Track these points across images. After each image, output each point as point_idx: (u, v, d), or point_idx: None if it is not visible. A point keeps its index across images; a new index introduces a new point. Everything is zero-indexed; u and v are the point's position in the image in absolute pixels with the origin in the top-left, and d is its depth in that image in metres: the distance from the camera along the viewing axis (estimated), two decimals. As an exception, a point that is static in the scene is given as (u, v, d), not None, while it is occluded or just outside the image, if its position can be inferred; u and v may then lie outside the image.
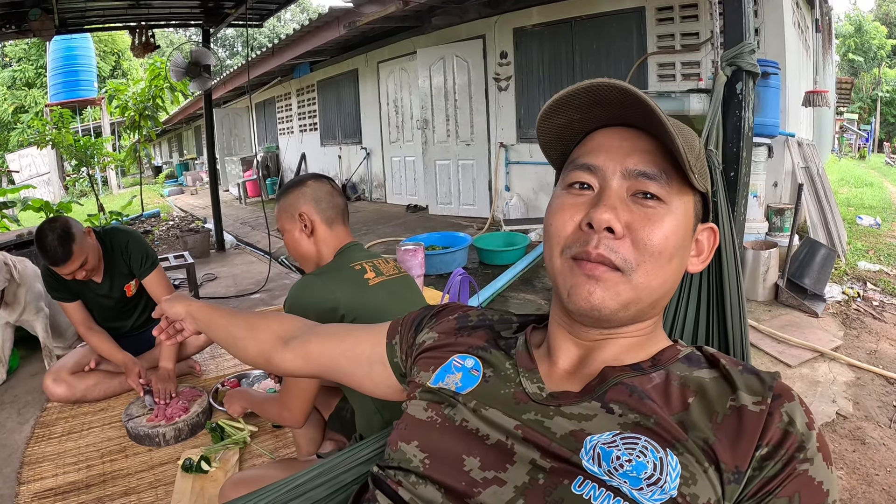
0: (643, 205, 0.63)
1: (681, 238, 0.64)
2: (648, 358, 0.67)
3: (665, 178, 0.63)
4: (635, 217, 0.62)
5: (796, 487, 0.55)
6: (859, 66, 22.59)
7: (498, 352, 0.74)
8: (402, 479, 0.67)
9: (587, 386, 0.65)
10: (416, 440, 0.68)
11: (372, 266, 1.48)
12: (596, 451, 0.58)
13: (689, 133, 0.67)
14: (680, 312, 0.97)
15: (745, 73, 1.15)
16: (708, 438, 0.57)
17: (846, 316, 3.41)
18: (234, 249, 6.05)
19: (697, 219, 0.68)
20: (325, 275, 1.41)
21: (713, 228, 0.70)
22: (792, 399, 0.59)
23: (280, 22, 27.89)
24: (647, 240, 0.62)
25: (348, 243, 1.54)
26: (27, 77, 17.04)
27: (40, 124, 7.87)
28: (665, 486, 0.54)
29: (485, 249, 4.58)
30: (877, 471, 2.03)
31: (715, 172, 1.07)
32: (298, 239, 1.51)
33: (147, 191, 10.99)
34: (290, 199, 1.51)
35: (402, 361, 0.85)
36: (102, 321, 2.60)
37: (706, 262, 0.70)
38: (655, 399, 0.61)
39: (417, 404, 0.73)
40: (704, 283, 0.99)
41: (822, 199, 4.57)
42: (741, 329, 0.93)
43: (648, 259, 0.62)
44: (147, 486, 1.88)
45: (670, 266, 0.64)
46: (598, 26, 5.19)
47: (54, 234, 2.13)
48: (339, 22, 6.34)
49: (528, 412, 0.65)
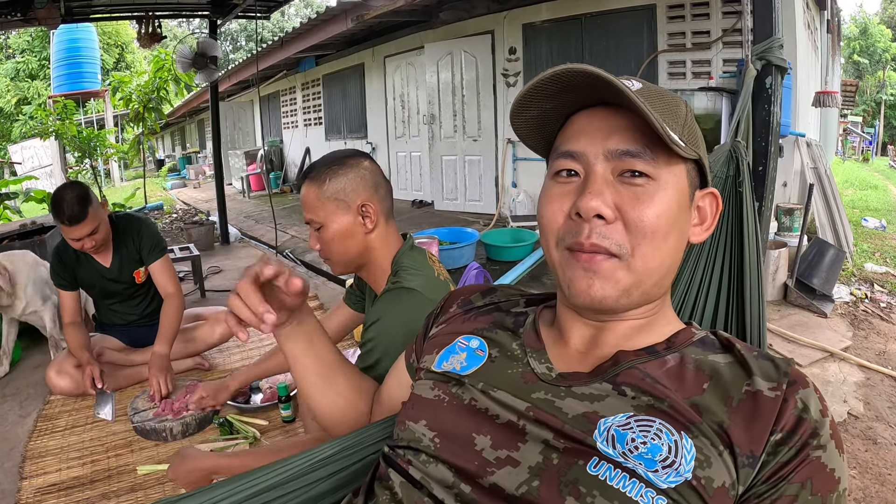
0: (631, 184, 0.61)
1: (675, 213, 0.62)
2: (663, 340, 0.67)
3: (650, 153, 0.61)
4: (624, 198, 0.61)
5: (809, 473, 0.55)
6: (864, 68, 22.54)
7: (504, 332, 0.74)
8: (411, 458, 0.66)
9: (598, 367, 0.65)
10: (423, 419, 0.68)
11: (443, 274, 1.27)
12: (610, 433, 0.57)
13: (671, 98, 0.65)
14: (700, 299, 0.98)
15: (775, 67, 1.14)
16: (723, 422, 0.57)
17: (854, 317, 3.40)
18: (238, 243, 6.04)
19: (694, 187, 0.66)
20: (426, 289, 1.15)
21: (714, 193, 0.68)
22: (807, 386, 0.59)
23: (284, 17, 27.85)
24: (638, 221, 0.60)
25: (404, 246, 1.27)
26: (30, 68, 16.99)
27: (43, 115, 7.85)
28: (680, 468, 0.54)
29: (492, 245, 4.56)
30: (889, 470, 2.02)
31: (742, 164, 1.06)
32: (350, 235, 1.20)
33: (150, 184, 10.96)
34: (345, 183, 1.19)
35: (413, 362, 0.85)
36: (109, 307, 2.60)
37: (710, 229, 0.68)
38: (669, 384, 0.61)
39: (424, 384, 0.72)
40: (725, 271, 1.00)
41: (829, 199, 4.56)
42: (759, 317, 0.94)
43: (643, 240, 0.61)
44: (154, 482, 1.85)
45: (667, 244, 0.62)
46: (608, 23, 5.16)
47: (73, 193, 2.16)
48: (347, 16, 6.31)
49: (538, 391, 0.64)
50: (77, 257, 2.38)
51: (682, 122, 0.64)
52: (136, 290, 2.56)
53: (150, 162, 17.04)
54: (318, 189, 1.19)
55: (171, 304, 2.42)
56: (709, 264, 0.97)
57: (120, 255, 2.45)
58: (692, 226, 0.67)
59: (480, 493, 0.59)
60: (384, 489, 0.67)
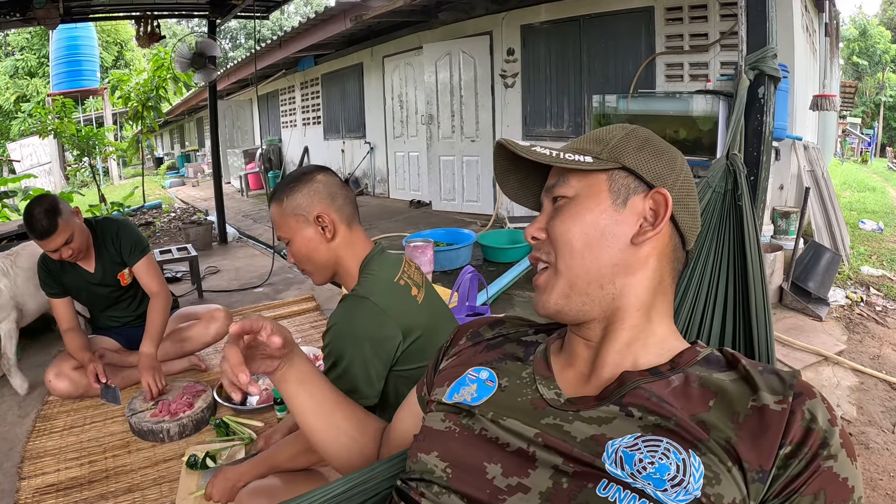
0: (556, 207, 0.72)
1: (594, 219, 0.69)
2: (667, 361, 0.68)
3: (563, 178, 0.72)
4: (551, 218, 0.72)
5: (821, 484, 0.55)
6: (863, 70, 22.53)
7: (514, 362, 0.76)
8: (424, 490, 0.67)
9: (605, 390, 0.66)
10: (435, 451, 0.69)
11: (409, 279, 1.31)
12: (619, 455, 0.58)
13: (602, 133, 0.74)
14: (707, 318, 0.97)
15: (768, 77, 1.14)
16: (730, 438, 0.57)
17: (850, 320, 3.41)
18: (236, 242, 6.04)
19: (628, 191, 0.70)
20: (376, 296, 1.20)
21: (659, 192, 0.69)
22: (813, 396, 0.59)
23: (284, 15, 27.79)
24: (553, 233, 0.70)
25: (372, 251, 1.32)
26: (29, 66, 16.94)
27: (42, 113, 7.84)
28: (689, 486, 0.54)
29: (489, 246, 4.57)
30: (881, 475, 2.03)
31: (740, 177, 1.06)
32: (314, 246, 1.26)
33: (148, 182, 10.95)
34: (300, 199, 1.26)
35: (425, 395, 0.86)
36: (100, 311, 2.61)
37: (659, 226, 0.69)
38: (674, 402, 0.61)
39: (435, 416, 0.74)
40: (731, 287, 0.99)
41: (826, 202, 4.56)
42: (766, 332, 0.93)
43: (559, 246, 0.69)
44: (151, 483, 1.87)
45: (587, 247, 0.68)
46: (607, 25, 5.16)
47: (41, 208, 2.16)
48: (346, 15, 6.31)
49: (547, 417, 0.65)
50: (62, 266, 2.38)
51: (606, 145, 0.72)
52: (123, 292, 2.57)
53: (149, 160, 17.01)
54: (279, 208, 1.28)
55: (156, 302, 2.43)
56: (713, 281, 0.96)
57: (102, 260, 2.45)
58: (637, 227, 0.69)
59: None
60: None
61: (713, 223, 1.03)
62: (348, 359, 1.17)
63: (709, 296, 0.96)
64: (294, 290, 4.10)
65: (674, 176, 0.71)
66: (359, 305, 1.19)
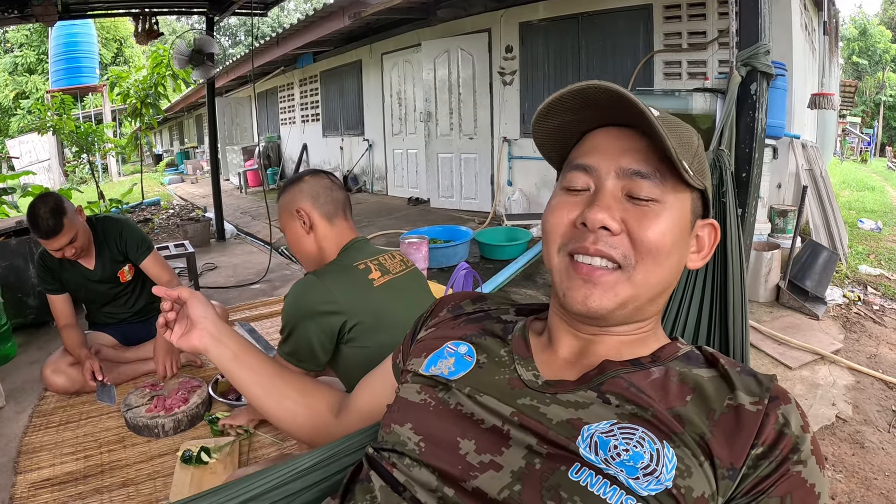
0: (638, 203, 0.64)
1: (678, 235, 0.65)
2: (648, 354, 0.68)
3: (659, 177, 0.64)
4: (630, 215, 0.63)
5: (788, 488, 0.56)
6: (863, 69, 22.52)
7: (493, 339, 0.75)
8: (396, 461, 0.67)
9: (584, 375, 0.66)
10: (409, 422, 0.69)
11: (377, 265, 1.47)
12: (593, 440, 0.58)
13: (686, 130, 0.67)
14: (682, 311, 0.98)
15: (760, 73, 1.14)
16: (704, 434, 0.58)
17: (847, 319, 3.41)
18: (234, 239, 6.03)
19: (696, 215, 0.68)
20: (326, 276, 1.39)
21: (713, 224, 0.70)
22: (788, 402, 0.60)
23: (284, 12, 27.75)
24: (643, 236, 0.63)
25: (352, 240, 1.51)
26: (28, 63, 16.92)
27: (41, 110, 7.83)
28: (661, 476, 0.55)
29: (486, 244, 4.57)
30: (875, 475, 2.03)
31: (725, 173, 1.06)
32: (299, 236, 1.50)
33: (147, 179, 10.95)
34: (288, 197, 1.51)
35: (400, 363, 0.86)
36: (97, 307, 2.61)
37: (706, 258, 0.71)
38: (652, 394, 0.62)
39: (410, 387, 0.73)
40: (708, 283, 0.99)
41: (824, 201, 4.56)
42: (742, 331, 0.94)
43: (647, 255, 0.63)
44: (146, 478, 1.87)
45: (668, 262, 0.64)
46: (605, 22, 5.16)
47: (46, 208, 2.17)
48: (345, 13, 6.31)
49: (524, 397, 0.65)
50: (60, 262, 2.39)
51: (692, 152, 0.66)
52: (122, 289, 2.57)
53: (148, 157, 17.01)
54: (277, 205, 1.55)
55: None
56: (691, 277, 0.96)
57: (103, 258, 2.46)
58: (690, 252, 0.69)
59: (463, 496, 0.60)
60: (364, 492, 0.67)
61: None
62: (295, 328, 1.37)
63: (686, 289, 0.96)
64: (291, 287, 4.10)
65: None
66: (306, 282, 1.37)
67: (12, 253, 3.23)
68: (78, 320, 2.48)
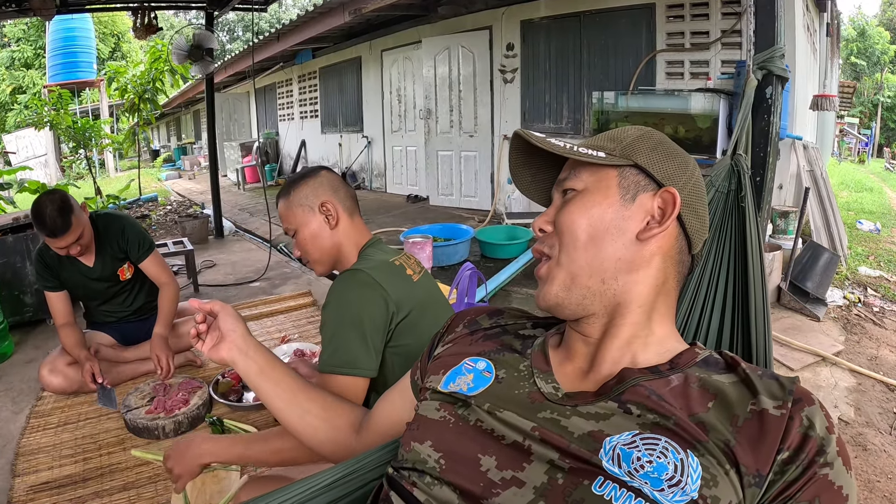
0: (565, 199, 0.72)
1: (601, 213, 0.69)
2: (666, 361, 0.67)
3: (574, 172, 0.72)
4: (558, 211, 0.72)
5: (816, 492, 0.55)
6: (862, 70, 22.56)
7: (511, 354, 0.75)
8: (416, 479, 0.66)
9: (604, 386, 0.66)
10: (429, 440, 0.68)
11: (405, 262, 1.39)
12: (616, 452, 0.57)
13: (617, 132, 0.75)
14: (704, 318, 0.97)
15: (775, 77, 1.12)
16: (728, 441, 0.57)
17: (847, 321, 3.41)
18: (232, 236, 6.01)
19: (637, 187, 0.70)
20: (370, 269, 1.27)
21: (668, 190, 0.69)
22: (812, 403, 0.59)
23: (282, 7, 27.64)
24: (559, 222, 0.70)
25: (370, 241, 1.43)
26: (26, 57, 16.82)
27: (38, 105, 7.78)
28: (686, 487, 0.54)
29: (487, 242, 4.56)
30: (878, 477, 2.03)
31: (744, 178, 1.05)
32: (318, 234, 1.37)
33: (144, 174, 10.89)
34: (306, 191, 1.39)
35: (418, 380, 0.86)
36: (96, 306, 2.58)
37: (665, 224, 0.69)
38: (673, 402, 0.61)
39: (429, 405, 0.73)
40: (730, 288, 0.98)
41: (825, 202, 4.56)
42: (765, 335, 0.93)
43: (562, 236, 0.70)
44: (146, 481, 1.84)
45: (592, 241, 0.68)
46: (607, 21, 5.14)
47: (53, 206, 2.13)
48: (345, 9, 6.27)
49: (544, 411, 0.65)
50: (59, 260, 2.35)
51: (620, 143, 0.72)
52: (121, 287, 2.55)
53: (146, 152, 16.95)
54: (286, 201, 1.40)
55: (166, 291, 2.50)
56: (713, 281, 0.95)
57: (103, 256, 2.43)
58: (644, 224, 0.69)
59: None
60: None
61: (715, 222, 1.02)
62: (344, 330, 1.22)
63: (707, 295, 0.95)
64: (291, 285, 4.08)
65: (684, 178, 0.71)
66: (353, 276, 1.26)
67: (9, 250, 3.21)
68: (76, 319, 2.46)
